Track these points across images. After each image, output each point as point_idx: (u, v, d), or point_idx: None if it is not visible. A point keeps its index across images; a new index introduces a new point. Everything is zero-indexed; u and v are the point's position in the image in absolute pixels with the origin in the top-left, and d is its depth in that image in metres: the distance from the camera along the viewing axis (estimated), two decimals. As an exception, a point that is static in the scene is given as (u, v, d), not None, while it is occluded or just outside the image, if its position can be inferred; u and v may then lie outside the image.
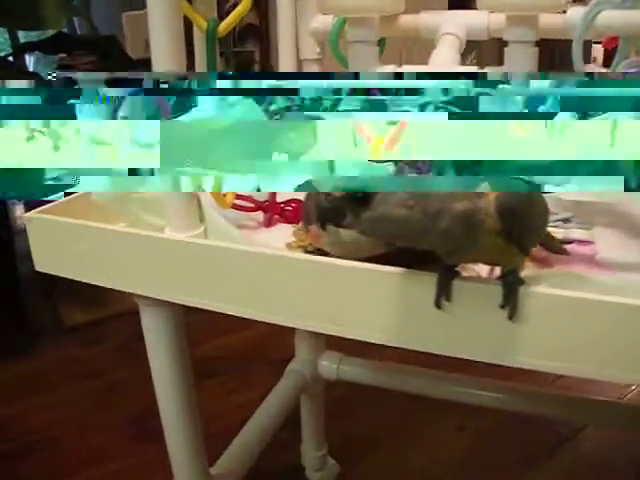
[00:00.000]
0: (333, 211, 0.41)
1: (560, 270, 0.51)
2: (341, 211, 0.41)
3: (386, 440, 1.33)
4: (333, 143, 0.50)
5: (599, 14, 0.62)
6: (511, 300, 0.41)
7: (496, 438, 1.34)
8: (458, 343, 0.44)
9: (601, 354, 0.40)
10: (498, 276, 0.43)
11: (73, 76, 0.53)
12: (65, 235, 0.61)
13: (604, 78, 0.58)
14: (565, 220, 0.63)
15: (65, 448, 1.33)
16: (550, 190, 0.46)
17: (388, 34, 0.75)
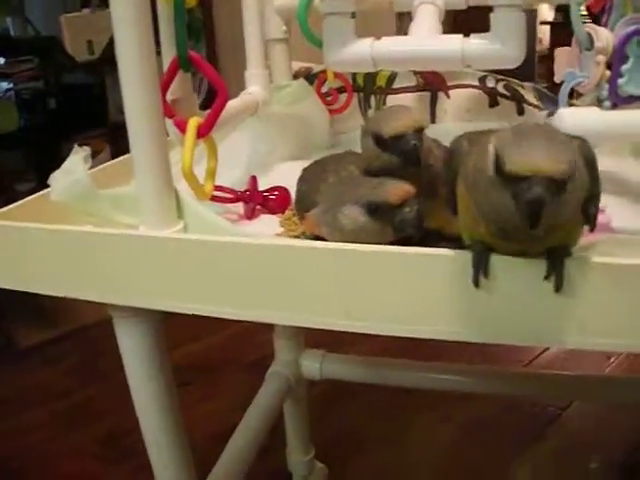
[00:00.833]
0: None
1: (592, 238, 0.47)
2: None
3: (371, 437, 1.30)
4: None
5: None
6: (557, 270, 0.36)
7: (483, 426, 1.32)
8: (500, 328, 0.39)
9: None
10: None
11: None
12: (20, 242, 0.53)
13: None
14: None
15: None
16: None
17: (361, 7, 0.70)
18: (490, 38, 0.62)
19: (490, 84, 0.78)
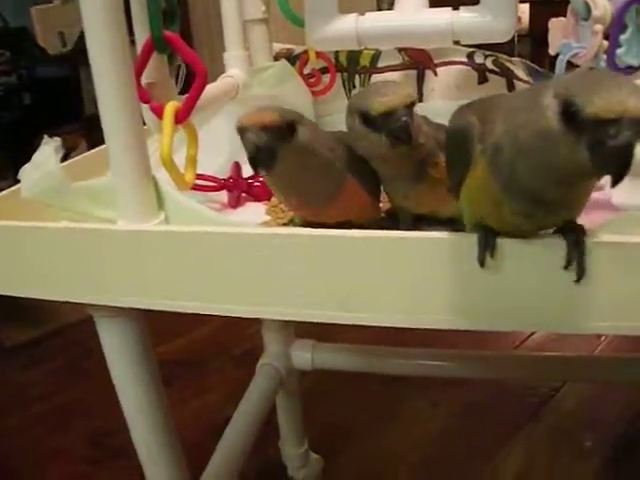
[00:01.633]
0: (267, 152, 0.40)
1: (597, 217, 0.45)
2: (274, 152, 0.41)
3: (363, 425, 1.29)
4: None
5: None
6: (577, 256, 0.33)
7: (474, 410, 1.32)
8: (507, 314, 0.36)
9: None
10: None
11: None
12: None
13: None
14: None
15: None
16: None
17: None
18: (480, 11, 0.59)
19: (479, 60, 0.75)
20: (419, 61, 0.77)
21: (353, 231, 0.39)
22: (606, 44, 0.53)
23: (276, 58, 0.79)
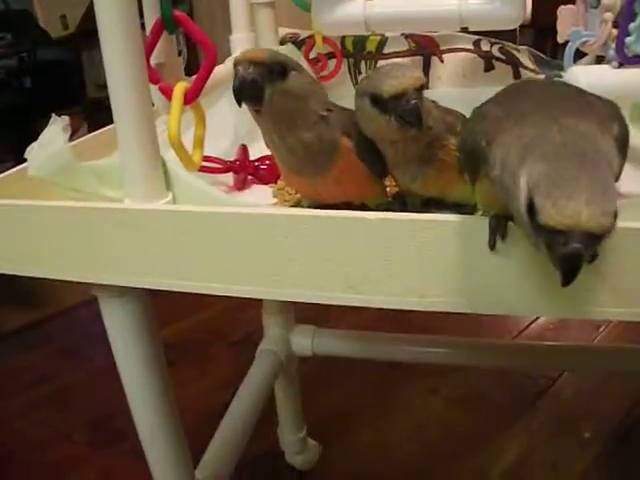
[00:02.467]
0: (252, 85, 0.41)
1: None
2: (260, 86, 0.42)
3: (361, 412, 1.29)
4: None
5: None
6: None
7: (473, 398, 1.32)
8: (520, 298, 0.37)
9: None
10: None
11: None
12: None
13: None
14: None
15: (20, 466, 1.21)
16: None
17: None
18: (489, -3, 0.59)
19: (485, 47, 0.75)
20: (425, 47, 0.77)
21: (364, 212, 0.39)
22: (615, 32, 0.52)
23: (281, 43, 0.79)
